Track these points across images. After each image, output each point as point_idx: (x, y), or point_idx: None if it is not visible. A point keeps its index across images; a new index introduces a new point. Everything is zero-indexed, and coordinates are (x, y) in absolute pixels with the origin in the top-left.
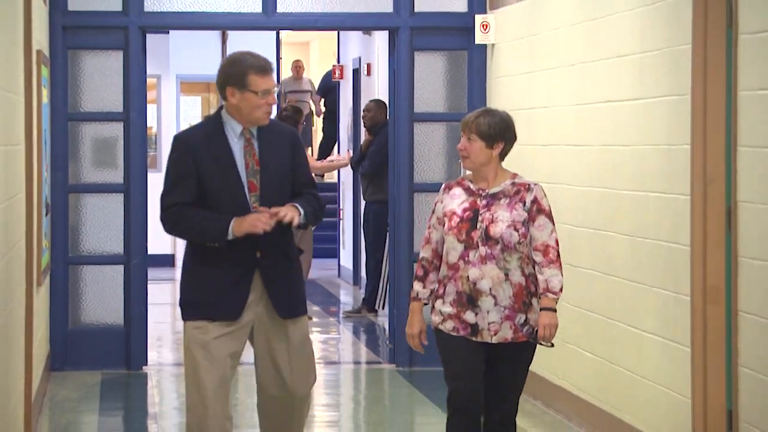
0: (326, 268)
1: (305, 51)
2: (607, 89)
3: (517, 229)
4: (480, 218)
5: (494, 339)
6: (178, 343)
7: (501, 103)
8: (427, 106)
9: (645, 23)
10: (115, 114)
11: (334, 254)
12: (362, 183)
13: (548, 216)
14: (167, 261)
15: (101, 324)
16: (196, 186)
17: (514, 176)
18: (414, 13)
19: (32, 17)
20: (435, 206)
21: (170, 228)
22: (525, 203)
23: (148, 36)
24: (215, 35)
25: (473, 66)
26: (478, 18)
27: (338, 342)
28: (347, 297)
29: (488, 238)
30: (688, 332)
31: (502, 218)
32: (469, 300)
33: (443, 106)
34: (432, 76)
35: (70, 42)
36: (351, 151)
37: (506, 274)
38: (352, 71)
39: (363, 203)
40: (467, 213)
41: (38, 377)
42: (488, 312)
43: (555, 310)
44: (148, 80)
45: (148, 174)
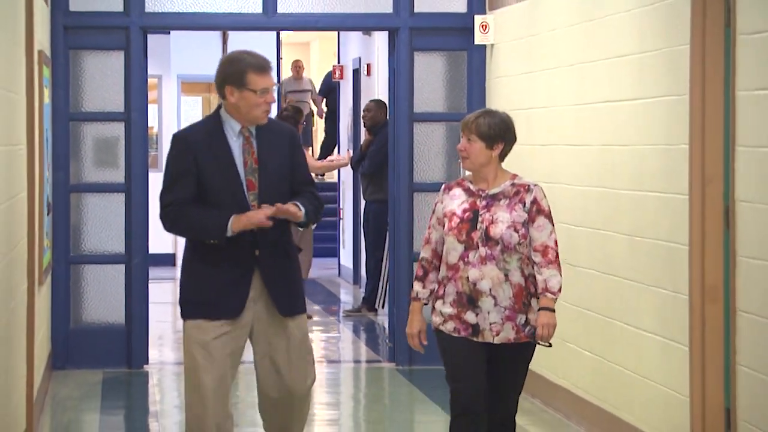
0: (326, 268)
1: (305, 51)
2: (606, 89)
3: (517, 230)
4: (480, 219)
5: (496, 340)
6: (179, 342)
7: (500, 104)
8: (427, 106)
9: (644, 24)
10: (117, 114)
11: (335, 253)
12: (362, 182)
13: (548, 217)
14: (168, 260)
15: (102, 323)
16: (196, 184)
17: (514, 177)
18: (414, 14)
19: (34, 17)
20: (435, 207)
21: (170, 226)
22: (525, 204)
23: (149, 36)
24: (216, 35)
25: (473, 66)
26: (478, 18)
27: (338, 341)
28: (347, 296)
29: (488, 239)
30: (687, 331)
31: (502, 219)
32: (470, 300)
33: (443, 106)
34: (432, 77)
35: (72, 42)
36: (351, 151)
37: (506, 275)
38: (352, 71)
39: (363, 203)
40: (467, 214)
41: (40, 376)
42: (489, 312)
43: (553, 310)
44: (149, 80)
45: (149, 174)
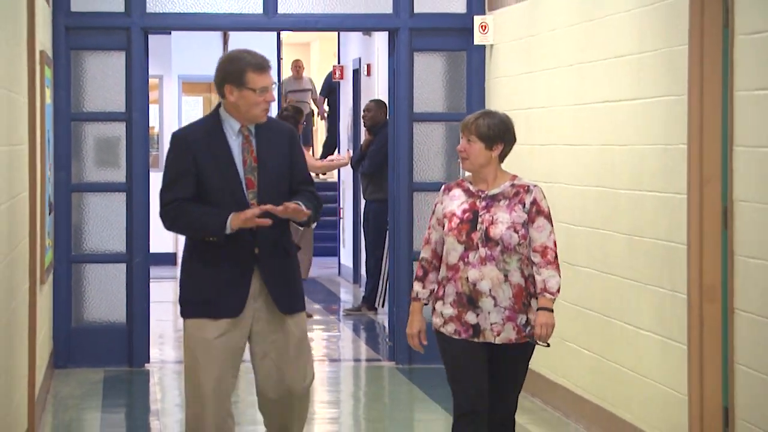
0: (326, 267)
1: (306, 52)
2: (605, 89)
3: (517, 231)
4: (480, 220)
5: (497, 340)
6: (180, 341)
7: (500, 104)
8: (427, 106)
9: (642, 24)
10: (118, 114)
11: (335, 253)
12: (362, 182)
13: (547, 218)
14: (169, 259)
15: (104, 322)
16: (195, 183)
17: (514, 178)
18: (413, 14)
19: (35, 18)
20: (435, 207)
21: (170, 224)
22: (524, 205)
23: (151, 37)
24: (217, 36)
25: (472, 66)
26: (477, 19)
27: (338, 339)
28: (347, 295)
29: (488, 240)
30: (685, 330)
31: (502, 220)
32: (470, 301)
33: (442, 106)
34: (431, 77)
35: (73, 43)
36: (351, 151)
37: (506, 276)
38: (352, 72)
39: (363, 202)
40: (467, 214)
41: (42, 374)
42: (489, 313)
43: (552, 310)
44: (150, 80)
45: (151, 173)
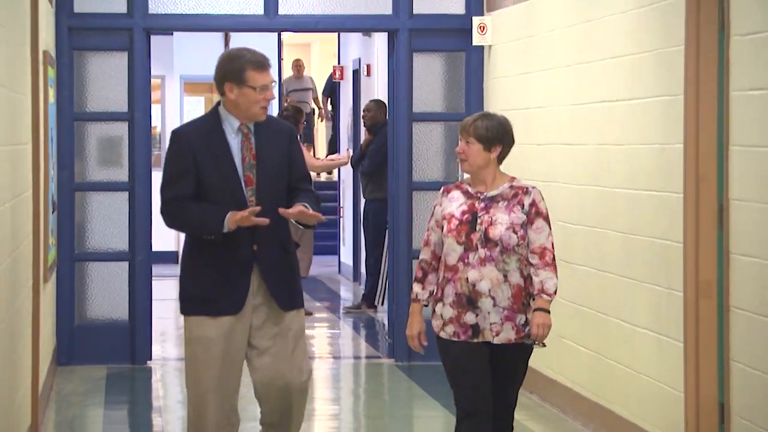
0: (327, 265)
1: (306, 52)
2: (602, 90)
3: (516, 232)
4: (479, 221)
5: (496, 340)
6: (182, 338)
7: (498, 104)
8: (426, 106)
9: (639, 25)
10: (120, 114)
11: (335, 251)
12: (362, 181)
13: (546, 219)
14: (171, 258)
15: (106, 319)
16: (195, 180)
17: (512, 179)
18: (413, 15)
19: (39, 19)
20: (434, 209)
21: (170, 221)
22: (523, 206)
23: (153, 37)
24: (218, 36)
25: (471, 67)
26: (476, 20)
27: (338, 337)
28: (347, 293)
29: (487, 241)
30: (681, 327)
31: (501, 221)
32: (469, 301)
33: (441, 107)
34: (430, 77)
35: (76, 43)
36: (351, 150)
37: (505, 276)
38: (352, 72)
39: (363, 201)
40: (466, 216)
41: (45, 371)
42: (489, 313)
43: (549, 311)
44: (153, 81)
45: (153, 172)
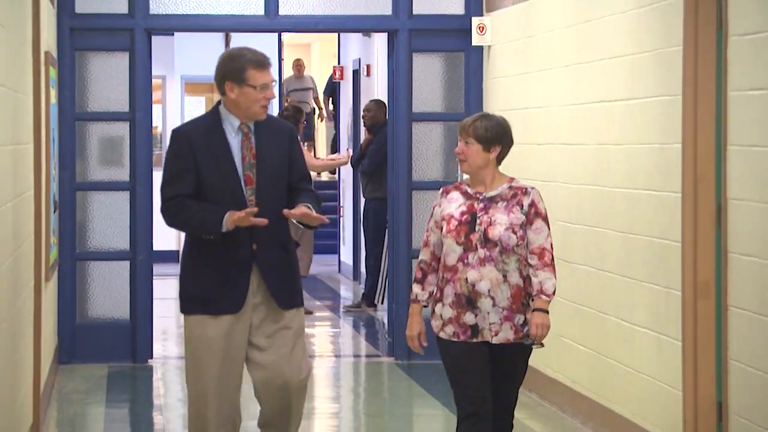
0: (327, 264)
1: (306, 52)
2: (601, 90)
3: (515, 232)
4: (478, 221)
5: (495, 340)
6: (183, 337)
7: (497, 104)
8: (425, 106)
9: (638, 25)
10: (121, 114)
11: (335, 250)
12: (362, 181)
13: (545, 219)
14: (172, 257)
15: (108, 318)
16: (195, 179)
17: (511, 180)
18: (412, 16)
19: (40, 19)
20: (433, 210)
21: (170, 220)
22: (522, 206)
23: (154, 38)
24: (219, 37)
25: (470, 67)
26: (475, 20)
27: (339, 336)
28: (347, 292)
29: (487, 241)
30: (679, 326)
31: (500, 221)
32: (468, 302)
33: (441, 106)
34: (430, 77)
35: (78, 43)
36: (351, 150)
37: (504, 276)
38: (352, 72)
39: (363, 201)
40: (465, 216)
41: (46, 370)
42: (488, 313)
43: (547, 312)
44: (154, 81)
45: (154, 172)
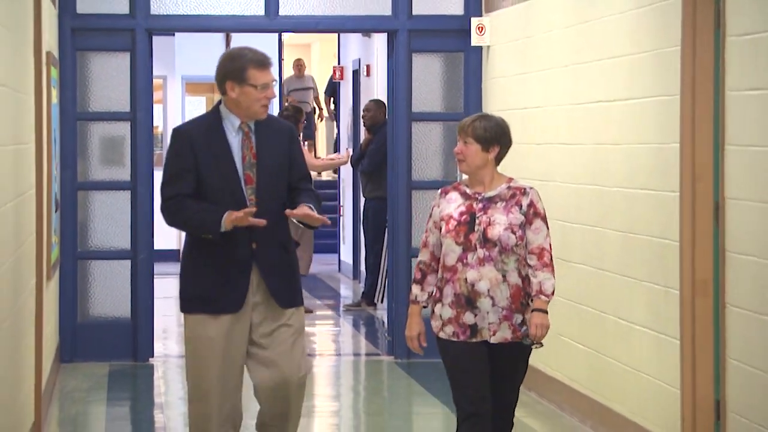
0: (327, 263)
1: (306, 52)
2: (600, 90)
3: (515, 232)
4: (477, 221)
5: (493, 339)
6: (183, 336)
7: (496, 104)
8: (425, 106)
9: (636, 26)
10: (123, 114)
11: (335, 249)
12: (362, 180)
13: (543, 219)
14: (173, 256)
15: (109, 317)
16: (195, 178)
17: (510, 180)
18: (412, 16)
19: (42, 20)
20: (432, 210)
21: (170, 219)
22: (521, 206)
23: (154, 38)
24: (219, 37)
25: (469, 67)
26: (474, 21)
27: (338, 334)
28: (347, 291)
29: (486, 241)
30: (678, 325)
31: (500, 221)
32: (468, 302)
33: (440, 106)
34: (429, 77)
35: (79, 44)
36: (351, 150)
37: (504, 276)
38: (352, 72)
39: (362, 200)
40: (464, 216)
41: (48, 368)
42: (487, 313)
43: (547, 312)
44: (154, 81)
45: (154, 172)
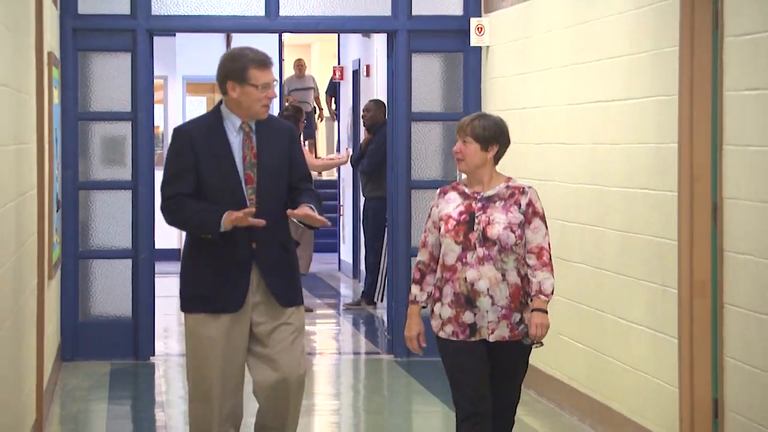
0: (327, 262)
1: (307, 53)
2: (598, 90)
3: (514, 231)
4: (476, 220)
5: (491, 338)
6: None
7: (495, 104)
8: (424, 106)
9: (635, 26)
10: (124, 114)
11: (335, 249)
12: (362, 180)
13: (542, 219)
14: (174, 255)
15: (110, 316)
16: (195, 178)
17: (509, 180)
18: (411, 17)
19: (44, 20)
20: (431, 210)
21: (170, 219)
22: (520, 206)
23: (155, 38)
24: (220, 38)
25: (469, 67)
26: (474, 21)
27: (338, 333)
28: (347, 290)
29: (486, 240)
30: (676, 324)
31: (499, 220)
32: (467, 301)
33: (440, 106)
34: (429, 77)
35: (80, 44)
36: (351, 150)
37: (503, 275)
38: (352, 72)
39: (362, 200)
40: (463, 216)
41: (50, 367)
42: (487, 312)
43: (546, 312)
44: (155, 81)
45: (155, 171)
